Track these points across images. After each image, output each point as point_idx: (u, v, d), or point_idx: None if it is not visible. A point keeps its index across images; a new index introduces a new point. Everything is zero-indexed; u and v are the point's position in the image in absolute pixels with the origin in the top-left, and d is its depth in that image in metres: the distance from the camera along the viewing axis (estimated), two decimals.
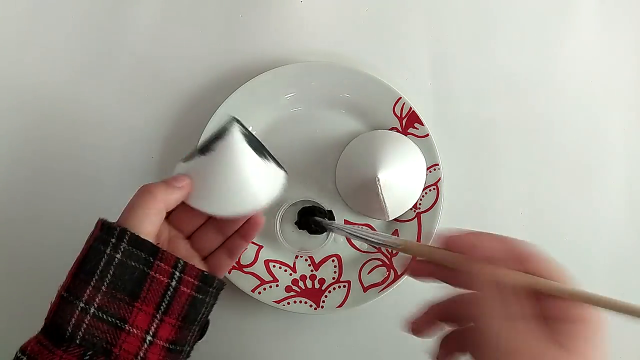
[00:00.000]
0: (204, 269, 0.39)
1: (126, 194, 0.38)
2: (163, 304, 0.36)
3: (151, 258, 0.36)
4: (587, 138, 0.59)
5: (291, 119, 0.56)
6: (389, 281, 0.54)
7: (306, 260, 0.56)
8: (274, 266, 0.55)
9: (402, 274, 0.53)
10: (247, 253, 0.55)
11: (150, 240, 0.36)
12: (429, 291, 0.59)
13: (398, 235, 0.56)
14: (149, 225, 0.37)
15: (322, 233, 0.55)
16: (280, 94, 0.55)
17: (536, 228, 0.58)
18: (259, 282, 0.54)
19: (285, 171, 0.44)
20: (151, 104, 0.57)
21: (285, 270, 0.55)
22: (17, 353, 0.34)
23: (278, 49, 0.57)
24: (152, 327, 0.35)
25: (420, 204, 0.55)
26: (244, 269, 0.54)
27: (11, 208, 0.57)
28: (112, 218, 0.37)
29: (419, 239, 0.55)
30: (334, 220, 0.55)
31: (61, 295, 0.34)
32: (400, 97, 0.55)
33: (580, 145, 0.59)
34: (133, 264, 0.35)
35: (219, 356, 0.56)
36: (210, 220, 0.43)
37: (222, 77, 0.57)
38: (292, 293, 0.55)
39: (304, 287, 0.55)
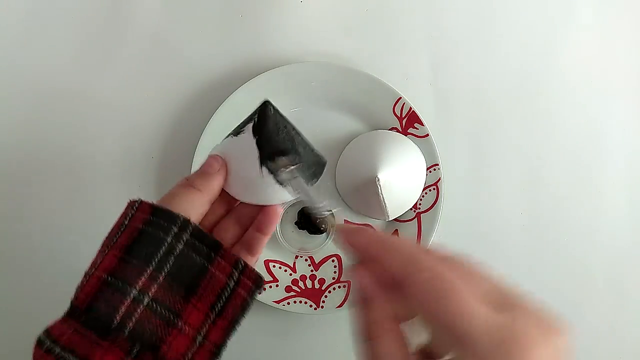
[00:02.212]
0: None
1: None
2: (218, 304, 0.33)
3: (212, 253, 0.33)
4: (587, 138, 0.59)
5: (291, 119, 0.55)
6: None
7: (306, 260, 0.56)
8: (274, 266, 0.55)
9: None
10: None
11: None
12: None
13: (398, 236, 0.56)
14: (193, 212, 0.34)
15: (321, 233, 0.55)
16: (280, 94, 0.55)
17: (536, 228, 0.58)
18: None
19: (325, 159, 0.40)
20: (151, 104, 0.57)
21: (285, 270, 0.55)
22: (44, 341, 0.30)
23: (278, 49, 0.57)
24: (204, 328, 0.32)
25: (420, 204, 0.55)
26: None
27: (10, 207, 0.57)
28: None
29: (419, 239, 0.55)
30: (334, 221, 0.55)
31: (105, 280, 0.31)
32: (400, 97, 0.55)
33: (580, 145, 0.59)
34: (194, 256, 0.33)
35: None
36: (233, 211, 0.39)
37: (222, 77, 0.57)
38: (292, 293, 0.54)
39: (304, 287, 0.55)
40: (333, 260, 0.56)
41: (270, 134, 0.37)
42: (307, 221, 0.54)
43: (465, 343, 0.22)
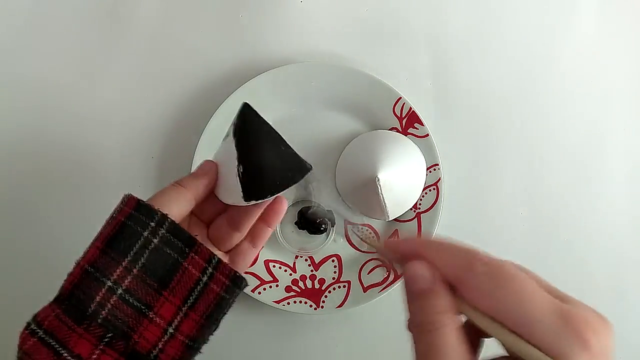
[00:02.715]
0: (233, 268, 0.37)
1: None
2: (190, 298, 0.35)
3: (187, 249, 0.35)
4: (587, 138, 0.59)
5: (291, 119, 0.56)
6: (389, 281, 0.54)
7: (306, 260, 0.56)
8: (274, 266, 0.55)
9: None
10: None
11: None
12: None
13: (398, 236, 0.56)
14: (177, 211, 0.36)
15: (321, 233, 0.55)
16: (280, 94, 0.55)
17: (536, 228, 0.58)
18: (259, 282, 0.54)
19: (309, 165, 0.40)
20: (151, 104, 0.57)
21: (285, 270, 0.55)
22: (30, 324, 0.32)
23: (278, 49, 0.57)
24: (176, 320, 0.34)
25: (420, 204, 0.55)
26: None
27: (10, 207, 0.57)
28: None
29: None
30: (334, 221, 0.55)
31: (85, 269, 0.33)
32: (400, 97, 0.55)
33: (580, 144, 0.59)
34: (168, 251, 0.34)
35: (218, 356, 0.56)
36: (225, 214, 0.41)
37: (222, 77, 0.57)
38: (292, 293, 0.54)
39: (304, 287, 0.55)
40: (333, 260, 0.56)
41: (247, 137, 0.37)
42: (307, 221, 0.54)
43: (533, 323, 0.23)
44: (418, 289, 0.26)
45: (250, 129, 0.37)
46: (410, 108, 0.55)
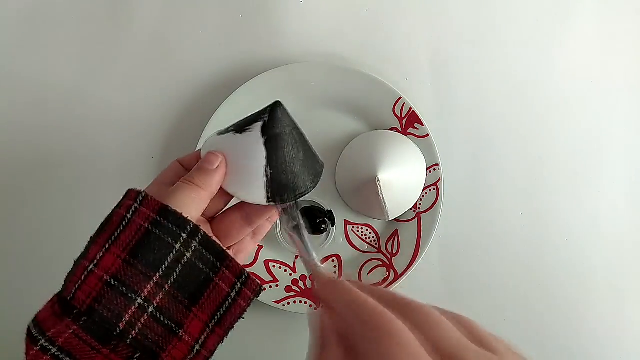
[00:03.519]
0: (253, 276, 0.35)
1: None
2: (218, 314, 0.33)
3: (219, 263, 0.33)
4: (587, 138, 0.59)
5: None
6: (389, 281, 0.54)
7: None
8: (274, 266, 0.55)
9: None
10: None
11: None
12: (429, 290, 0.59)
13: (398, 236, 0.56)
14: (195, 213, 0.33)
15: (322, 233, 0.55)
16: (280, 94, 0.55)
17: (536, 228, 0.58)
18: (259, 282, 0.54)
19: (322, 163, 0.40)
20: (151, 104, 0.57)
21: (285, 270, 0.55)
22: (37, 336, 0.29)
23: (278, 49, 0.57)
24: (203, 337, 0.32)
25: (420, 204, 0.55)
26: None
27: (10, 208, 0.57)
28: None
29: (418, 239, 0.55)
30: (334, 220, 0.55)
31: (107, 282, 0.29)
32: (400, 97, 0.55)
33: (580, 145, 0.59)
34: (201, 266, 0.32)
35: (218, 356, 0.56)
36: (238, 207, 0.39)
37: (222, 77, 0.57)
38: (292, 293, 0.54)
39: (304, 287, 0.55)
40: (333, 260, 0.56)
41: (281, 139, 0.36)
42: (307, 222, 0.54)
43: None
44: (313, 341, 0.26)
45: (283, 132, 0.36)
46: (410, 108, 0.55)
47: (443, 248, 0.57)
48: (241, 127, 0.36)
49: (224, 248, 0.33)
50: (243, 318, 0.35)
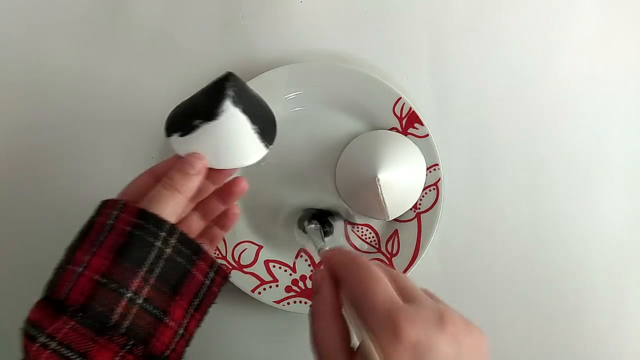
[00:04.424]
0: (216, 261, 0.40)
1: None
2: (195, 300, 0.37)
3: (194, 256, 0.37)
4: (587, 138, 0.59)
5: (291, 120, 0.56)
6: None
7: (306, 260, 0.56)
8: (273, 266, 0.55)
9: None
10: (247, 253, 0.55)
11: None
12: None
13: (398, 236, 0.56)
14: (173, 216, 0.37)
15: (326, 236, 0.55)
16: (280, 95, 0.55)
17: (536, 228, 0.58)
18: (259, 282, 0.54)
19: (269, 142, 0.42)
20: (151, 104, 0.57)
21: (285, 270, 0.55)
22: (35, 334, 0.32)
23: (278, 50, 0.57)
24: (185, 321, 0.37)
25: (420, 204, 0.55)
26: (243, 269, 0.54)
27: (9, 207, 0.57)
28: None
29: (418, 239, 0.55)
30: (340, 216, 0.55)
31: (98, 281, 0.33)
32: (400, 97, 0.55)
33: (580, 145, 0.59)
34: (179, 260, 0.36)
35: (218, 356, 0.56)
36: (197, 207, 0.44)
37: None
38: (292, 293, 0.54)
39: (304, 287, 0.55)
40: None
41: (248, 97, 0.40)
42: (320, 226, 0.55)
43: (368, 311, 0.27)
44: (313, 288, 0.33)
45: (246, 89, 0.40)
46: (410, 108, 0.55)
47: (443, 248, 0.57)
48: (210, 113, 0.38)
49: (199, 242, 0.38)
50: (216, 303, 0.40)
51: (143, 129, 0.57)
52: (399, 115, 0.55)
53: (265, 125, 0.41)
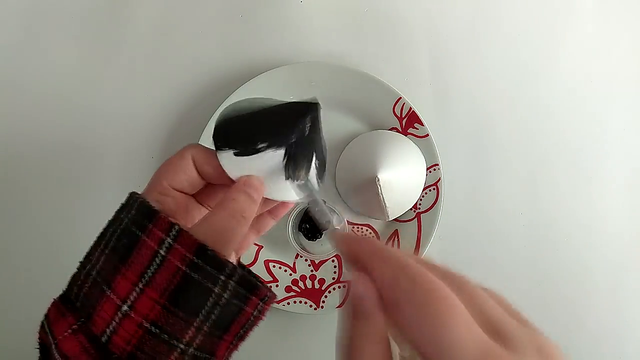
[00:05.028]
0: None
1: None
2: (241, 332, 0.33)
3: (249, 294, 0.32)
4: (587, 137, 0.59)
5: None
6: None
7: (306, 260, 0.56)
8: (274, 266, 0.55)
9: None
10: (247, 253, 0.55)
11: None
12: None
13: (398, 236, 0.56)
14: (234, 249, 0.33)
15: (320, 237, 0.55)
16: (280, 95, 0.55)
17: (536, 228, 0.58)
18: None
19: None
20: (151, 104, 0.57)
21: (285, 270, 0.55)
22: None
23: (278, 49, 0.57)
24: (227, 353, 0.33)
25: (420, 204, 0.55)
26: None
27: (10, 207, 0.57)
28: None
29: (418, 239, 0.55)
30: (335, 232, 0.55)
31: (149, 330, 0.29)
32: (400, 97, 0.55)
33: (580, 145, 0.59)
34: (236, 302, 0.32)
35: None
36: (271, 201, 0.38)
37: (222, 77, 0.57)
38: (292, 293, 0.54)
39: (304, 287, 0.55)
40: (333, 261, 0.56)
41: (318, 135, 0.36)
42: (308, 227, 0.55)
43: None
44: (352, 308, 0.24)
45: (319, 127, 0.36)
46: (410, 108, 0.55)
47: (443, 248, 0.57)
48: (282, 141, 0.34)
49: (257, 280, 0.33)
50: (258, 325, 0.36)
51: (143, 129, 0.57)
52: (399, 115, 0.55)
53: (322, 161, 0.37)
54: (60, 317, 0.30)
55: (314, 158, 0.35)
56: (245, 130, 0.34)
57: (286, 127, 0.34)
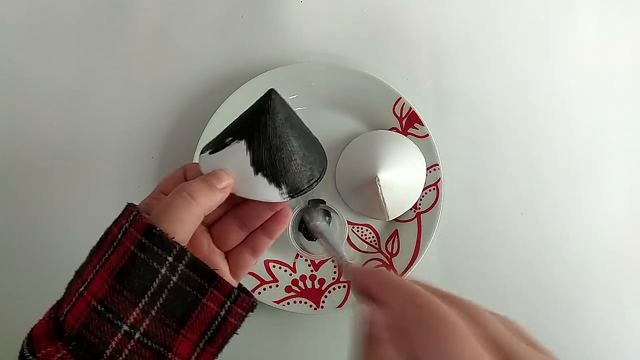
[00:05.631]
0: (235, 285, 0.35)
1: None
2: (208, 333, 0.33)
3: (206, 284, 0.32)
4: (587, 138, 0.59)
5: None
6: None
7: (306, 260, 0.56)
8: (274, 266, 0.55)
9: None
10: None
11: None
12: None
13: (398, 236, 0.56)
14: (185, 233, 0.32)
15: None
16: (280, 94, 0.55)
17: (536, 228, 0.58)
18: (259, 282, 0.54)
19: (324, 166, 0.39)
20: (151, 104, 0.57)
21: (285, 271, 0.55)
22: (28, 355, 0.29)
23: (278, 49, 0.57)
24: (193, 356, 0.32)
25: (420, 204, 0.55)
26: None
27: (10, 207, 0.57)
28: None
29: (418, 239, 0.55)
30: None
31: (94, 307, 0.30)
32: (400, 97, 0.55)
33: (580, 145, 0.59)
34: (188, 289, 0.31)
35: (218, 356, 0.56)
36: (232, 212, 0.38)
37: (222, 77, 0.57)
38: (292, 293, 0.54)
39: (304, 287, 0.55)
40: (333, 261, 0.56)
41: (295, 127, 0.36)
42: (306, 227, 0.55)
43: None
44: (364, 337, 0.25)
45: (296, 122, 0.36)
46: (410, 108, 0.55)
47: (443, 248, 0.57)
48: (243, 131, 0.35)
49: (212, 268, 0.33)
50: (237, 334, 0.35)
51: (143, 129, 0.57)
52: (399, 115, 0.55)
53: (307, 155, 0.37)
54: (48, 311, 0.32)
55: (289, 148, 0.35)
56: (220, 134, 0.36)
57: (249, 119, 0.35)
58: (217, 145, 0.35)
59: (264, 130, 0.34)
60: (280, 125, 0.35)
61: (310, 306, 0.54)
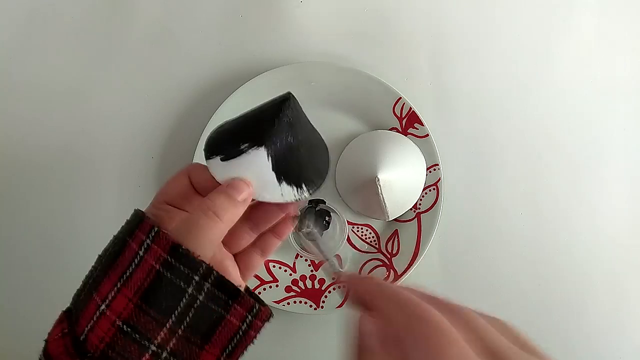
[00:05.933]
0: (243, 286, 0.35)
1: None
2: (229, 346, 0.33)
3: (230, 301, 0.32)
4: (587, 138, 0.59)
5: None
6: (389, 281, 0.54)
7: (306, 260, 0.56)
8: (274, 266, 0.55)
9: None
10: None
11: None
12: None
13: (398, 236, 0.56)
14: (211, 251, 0.32)
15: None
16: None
17: (536, 228, 0.58)
18: (259, 282, 0.54)
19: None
20: (151, 105, 0.57)
21: (285, 271, 0.55)
22: None
23: (278, 49, 0.57)
24: None
25: (420, 204, 0.55)
26: None
27: (10, 207, 0.57)
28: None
29: (418, 239, 0.55)
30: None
31: (120, 329, 0.29)
32: (400, 97, 0.55)
33: (580, 145, 0.59)
34: (214, 307, 0.31)
35: None
36: (244, 215, 0.37)
37: (222, 77, 0.57)
38: (292, 293, 0.54)
39: (304, 287, 0.55)
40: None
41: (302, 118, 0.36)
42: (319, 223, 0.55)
43: None
44: (357, 347, 0.25)
45: (308, 121, 0.36)
46: (410, 108, 0.55)
47: (443, 248, 0.57)
48: (261, 137, 0.34)
49: (236, 285, 0.33)
50: (253, 344, 0.35)
51: (143, 129, 0.57)
52: (399, 115, 0.55)
53: (318, 159, 0.37)
54: (58, 324, 0.31)
55: (307, 147, 0.35)
56: (229, 136, 0.35)
57: (265, 124, 0.34)
58: (230, 150, 0.34)
59: (286, 135, 0.34)
60: (300, 129, 0.35)
61: (310, 306, 0.54)
